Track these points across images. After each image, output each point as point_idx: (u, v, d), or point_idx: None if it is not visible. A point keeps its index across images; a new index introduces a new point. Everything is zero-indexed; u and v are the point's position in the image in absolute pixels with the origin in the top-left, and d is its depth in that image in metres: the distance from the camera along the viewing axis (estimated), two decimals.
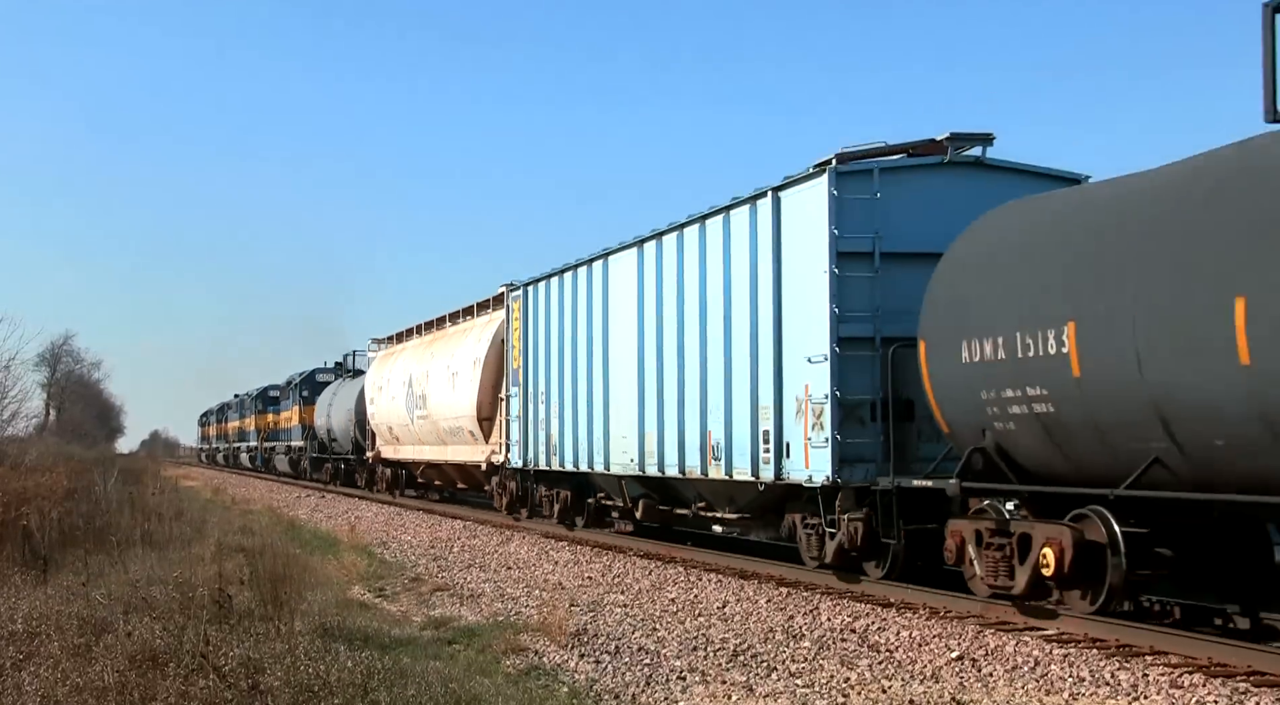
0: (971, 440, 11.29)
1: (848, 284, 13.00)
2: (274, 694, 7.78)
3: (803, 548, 14.22)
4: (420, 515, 27.71)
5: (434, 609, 13.08)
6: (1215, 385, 8.69)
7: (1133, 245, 9.57)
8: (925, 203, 13.20)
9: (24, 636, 9.90)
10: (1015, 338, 10.51)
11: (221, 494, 37.50)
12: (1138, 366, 9.32)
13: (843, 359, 12.96)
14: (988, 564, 11.19)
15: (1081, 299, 9.88)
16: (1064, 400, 10.06)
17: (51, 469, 27.52)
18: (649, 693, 8.75)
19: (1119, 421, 9.65)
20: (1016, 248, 11.18)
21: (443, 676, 8.68)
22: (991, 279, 11.24)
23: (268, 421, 55.94)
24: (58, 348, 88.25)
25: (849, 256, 13.03)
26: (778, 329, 13.96)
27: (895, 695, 8.52)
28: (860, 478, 12.86)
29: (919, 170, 13.49)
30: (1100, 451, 9.95)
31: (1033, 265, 10.75)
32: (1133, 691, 8.53)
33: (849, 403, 12.97)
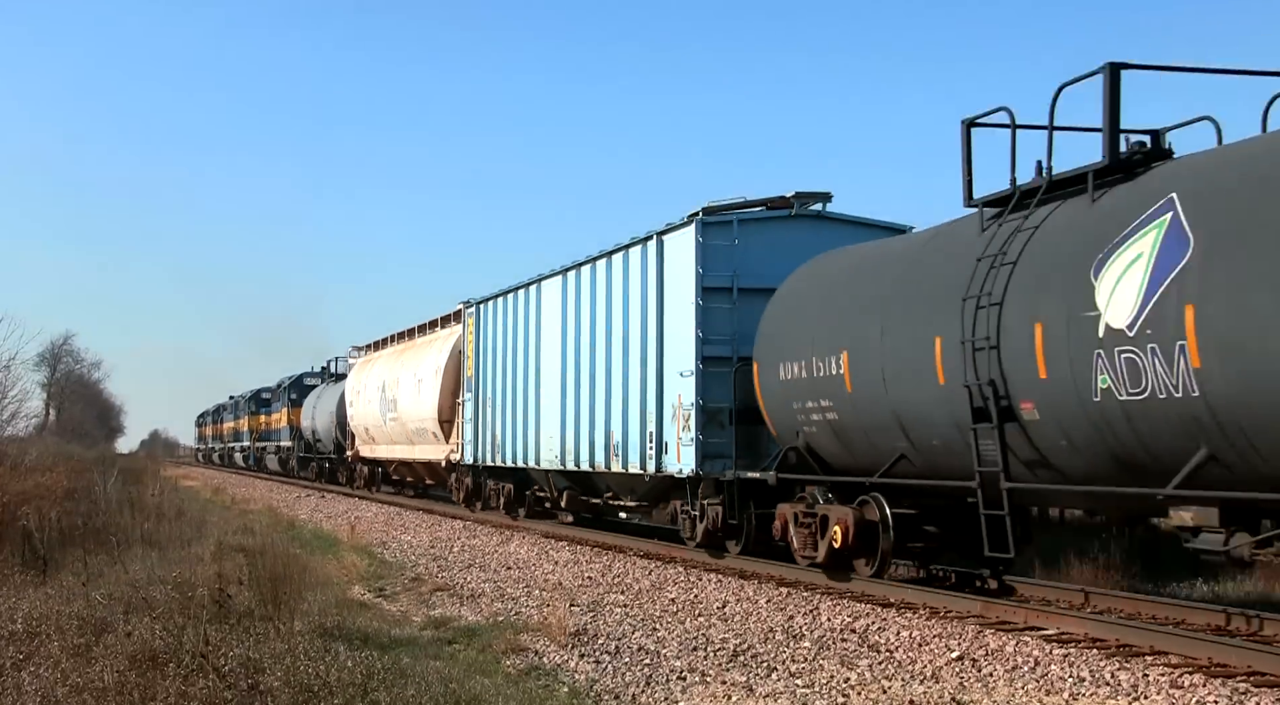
0: (790, 440, 14.31)
1: (710, 313, 15.96)
2: (274, 694, 7.78)
3: (682, 529, 17.05)
4: (420, 515, 27.71)
5: (434, 609, 13.08)
6: (927, 400, 11.78)
7: (881, 294, 12.82)
8: (774, 247, 16.09)
9: (24, 636, 9.91)
10: (812, 362, 13.65)
11: (221, 494, 37.52)
12: (884, 386, 12.40)
13: (705, 374, 15.85)
14: (800, 539, 14.14)
15: (851, 333, 13.05)
16: (843, 410, 13.17)
17: (51, 469, 27.53)
18: (649, 693, 8.75)
19: (876, 427, 12.72)
20: (816, 291, 14.40)
21: (443, 676, 8.68)
22: (799, 315, 14.37)
23: (260, 422, 58.91)
24: (58, 348, 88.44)
25: (712, 291, 16.00)
26: (660, 348, 16.93)
27: (895, 695, 8.52)
28: (718, 470, 15.64)
29: (770, 221, 16.54)
30: (869, 450, 13.02)
31: (824, 306, 13.95)
32: (1133, 691, 8.53)
33: (710, 409, 15.82)
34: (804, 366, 13.79)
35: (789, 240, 16.11)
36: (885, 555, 13.09)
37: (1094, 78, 10.49)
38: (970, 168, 11.99)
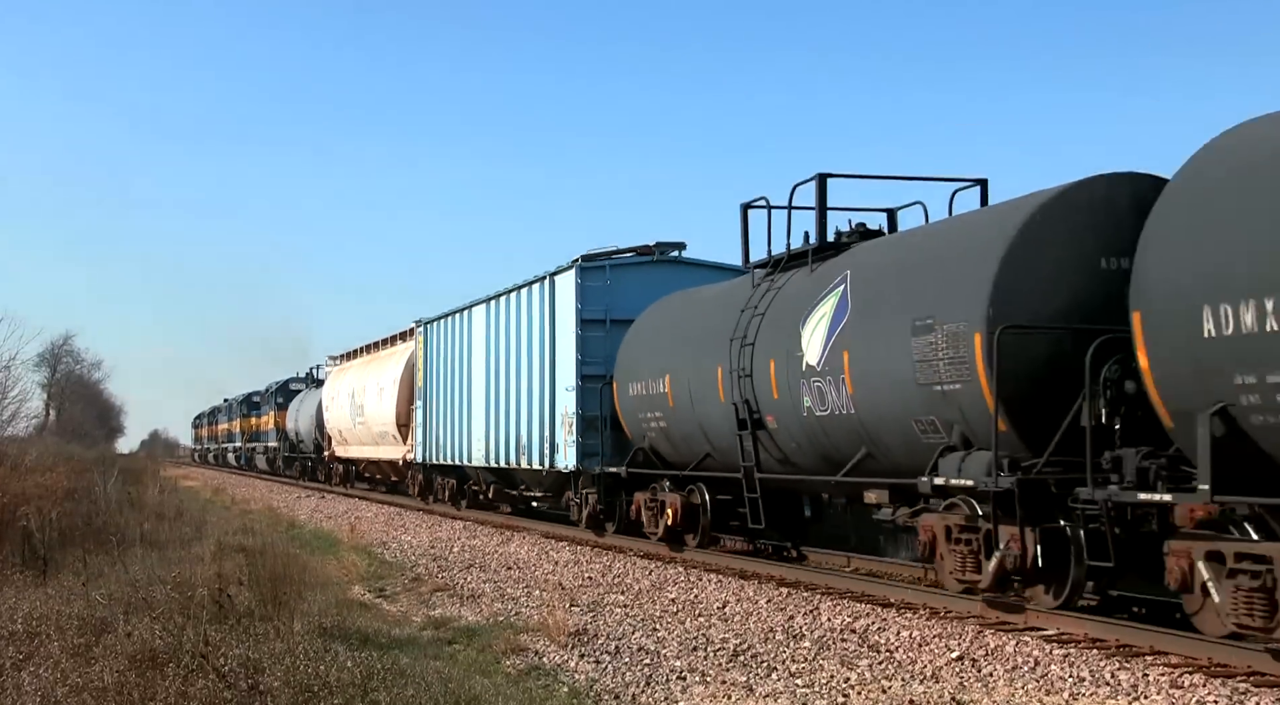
0: (639, 442, 18.21)
1: (588, 340, 19.66)
2: (274, 694, 7.78)
3: (571, 513, 20.84)
4: (420, 515, 27.73)
5: (434, 609, 13.08)
6: (715, 413, 15.68)
7: (689, 332, 16.71)
8: (640, 286, 19.71)
9: (24, 636, 9.90)
10: (649, 382, 17.51)
11: (221, 494, 37.54)
12: (691, 402, 16.37)
13: (584, 389, 19.49)
14: (648, 519, 17.94)
15: (672, 361, 16.91)
16: (669, 420, 17.15)
17: (51, 469, 27.52)
18: (649, 693, 8.75)
19: (689, 433, 16.70)
20: (653, 327, 18.22)
21: (443, 676, 8.68)
22: (642, 345, 18.17)
23: (250, 424, 62.93)
24: (58, 348, 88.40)
25: (589, 322, 19.72)
26: (553, 367, 20.76)
27: (895, 695, 8.52)
28: (594, 466, 19.26)
29: (636, 265, 20.40)
30: (688, 450, 16.92)
31: (657, 339, 17.81)
32: (1133, 691, 8.53)
33: (587, 418, 19.40)
34: (644, 385, 17.69)
35: (651, 280, 19.77)
36: (704, 530, 16.72)
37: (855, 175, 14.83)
38: (747, 240, 15.82)
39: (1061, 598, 10.74)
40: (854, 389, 12.56)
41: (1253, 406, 8.41)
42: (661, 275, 19.95)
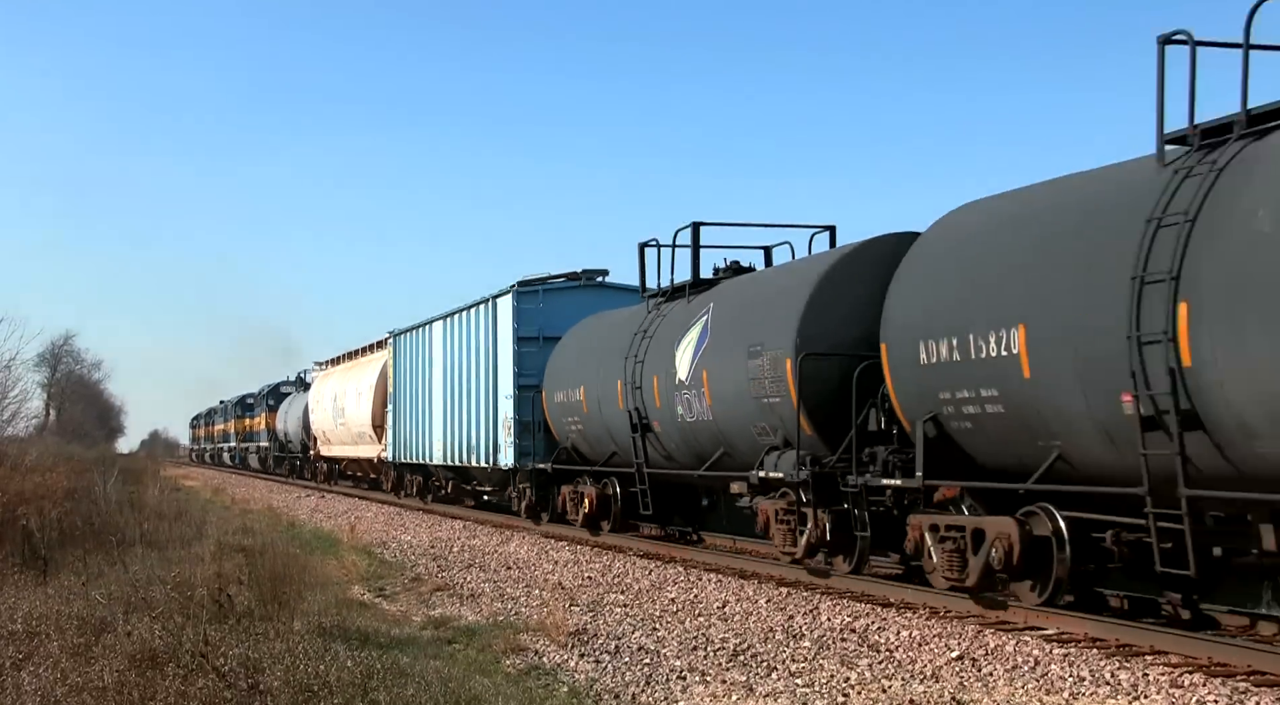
0: (563, 442, 21.37)
1: (524, 355, 22.77)
2: (273, 694, 7.78)
3: (513, 504, 24.04)
4: (420, 515, 27.75)
5: (434, 609, 13.08)
6: (617, 418, 18.63)
7: (597, 347, 19.90)
8: (569, 307, 22.82)
9: (24, 636, 9.90)
10: (569, 390, 20.59)
11: (221, 494, 37.54)
12: (599, 409, 19.28)
13: (520, 398, 22.60)
14: (571, 509, 20.90)
15: (586, 373, 19.92)
16: (583, 424, 20.21)
17: (51, 469, 27.55)
18: (649, 692, 8.75)
19: (599, 435, 19.71)
20: (575, 343, 21.37)
21: (442, 676, 8.68)
22: (564, 359, 21.38)
23: (244, 425, 66.44)
24: (58, 348, 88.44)
25: (525, 339, 22.89)
26: (495, 378, 23.85)
27: (895, 695, 8.52)
28: (528, 464, 22.41)
29: (566, 289, 23.48)
30: (600, 449, 19.89)
31: (577, 353, 20.93)
32: (1133, 691, 8.53)
33: (523, 421, 22.51)
34: (566, 394, 20.71)
35: (579, 302, 22.90)
36: (615, 517, 19.66)
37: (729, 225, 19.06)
38: (644, 273, 18.97)
39: (852, 564, 13.66)
40: (711, 401, 15.54)
41: (950, 415, 11.52)
42: (588, 297, 23.16)
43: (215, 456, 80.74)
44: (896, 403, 12.40)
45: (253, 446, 62.66)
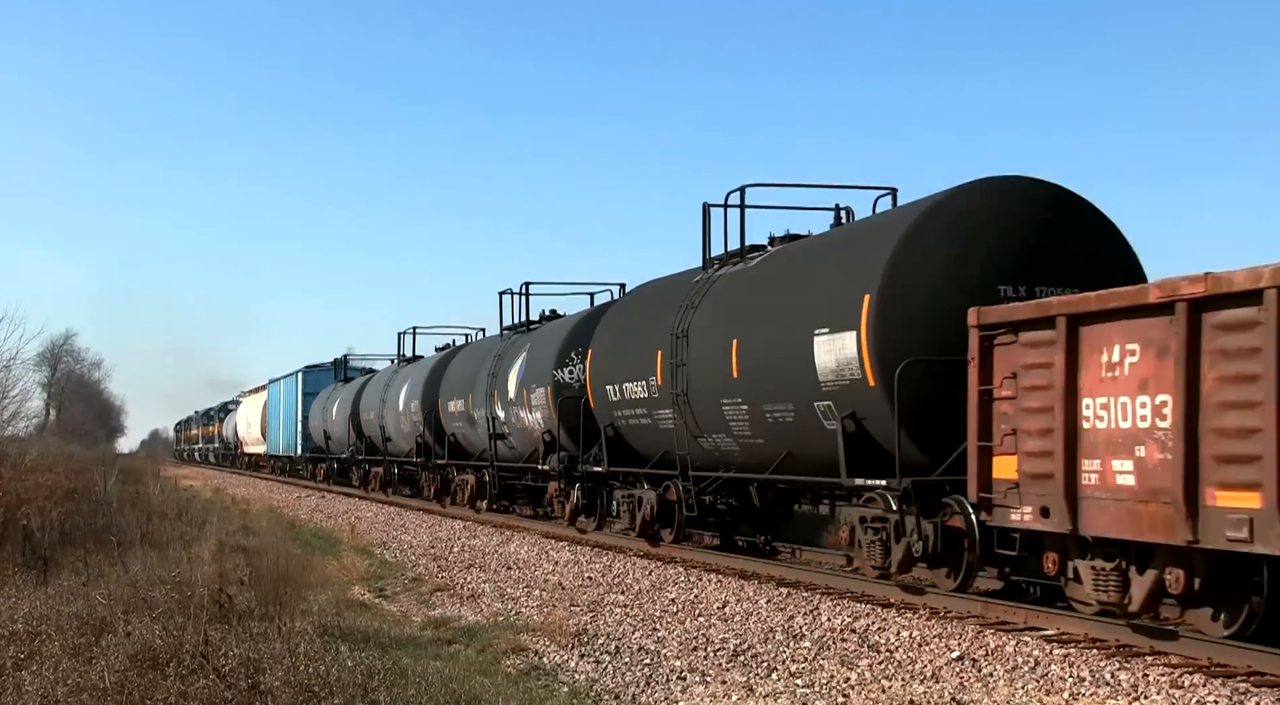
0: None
1: (307, 399, 46.87)
2: (274, 694, 7.77)
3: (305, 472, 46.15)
4: (420, 515, 27.74)
5: (434, 609, 13.08)
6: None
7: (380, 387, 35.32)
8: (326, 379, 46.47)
9: (24, 636, 9.89)
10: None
11: (221, 494, 37.53)
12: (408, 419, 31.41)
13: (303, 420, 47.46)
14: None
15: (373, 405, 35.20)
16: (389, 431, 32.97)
17: (51, 469, 27.52)
18: (649, 693, 8.75)
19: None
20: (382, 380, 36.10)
21: (443, 676, 8.68)
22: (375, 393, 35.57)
23: (208, 431, 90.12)
24: (58, 347, 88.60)
25: (307, 394, 47.08)
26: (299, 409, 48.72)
27: (895, 695, 8.52)
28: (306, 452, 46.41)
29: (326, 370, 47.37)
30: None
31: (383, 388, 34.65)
32: (1133, 691, 8.53)
33: (307, 432, 44.83)
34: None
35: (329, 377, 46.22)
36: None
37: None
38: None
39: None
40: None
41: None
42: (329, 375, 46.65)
43: (190, 454, 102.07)
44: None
45: (212, 447, 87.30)
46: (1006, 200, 12.23)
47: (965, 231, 12.05)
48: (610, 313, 20.13)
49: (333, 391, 43.03)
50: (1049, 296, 11.00)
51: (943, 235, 12.07)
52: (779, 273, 14.74)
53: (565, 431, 20.36)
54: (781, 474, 14.41)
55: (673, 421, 16.50)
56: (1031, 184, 12.37)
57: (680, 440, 16.46)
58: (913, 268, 11.96)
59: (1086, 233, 12.24)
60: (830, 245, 14.35)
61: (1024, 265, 11.90)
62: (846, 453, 12.61)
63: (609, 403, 18.53)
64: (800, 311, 13.48)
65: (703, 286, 16.27)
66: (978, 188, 12.30)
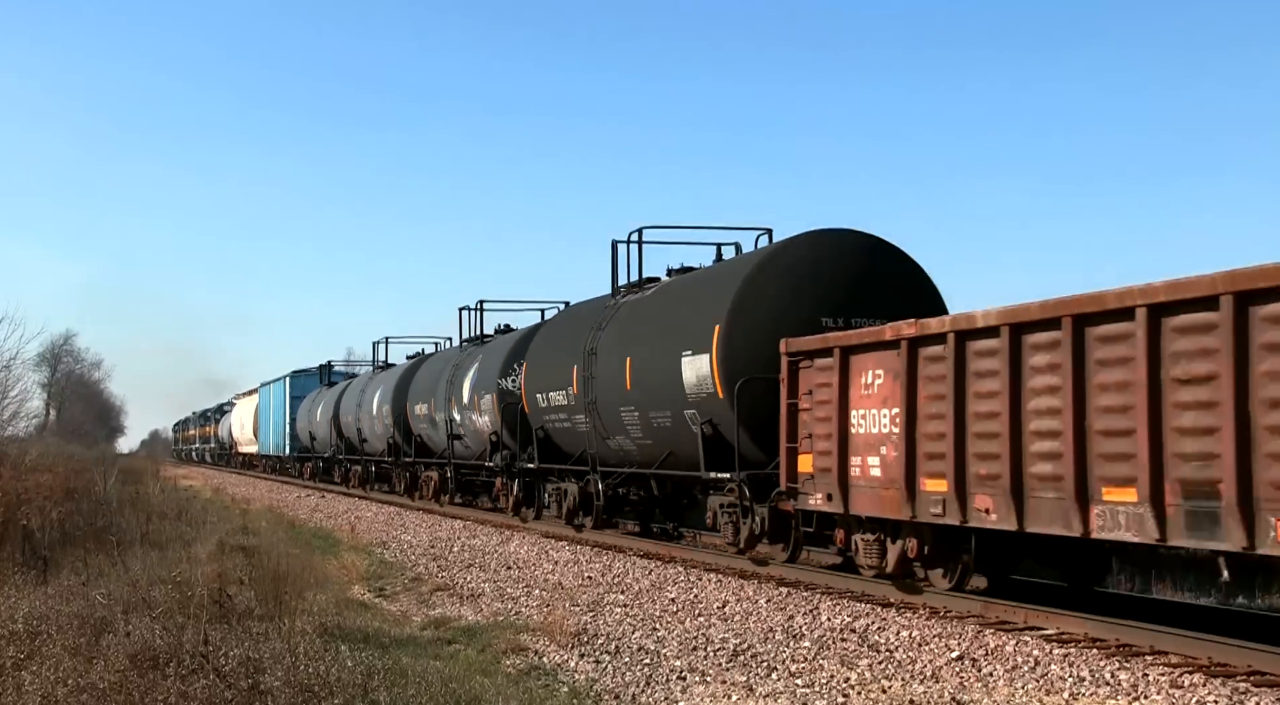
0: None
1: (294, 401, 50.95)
2: (274, 694, 7.78)
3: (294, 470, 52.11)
4: (420, 515, 27.74)
5: (434, 609, 13.09)
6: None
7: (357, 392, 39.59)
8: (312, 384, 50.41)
9: (24, 636, 9.89)
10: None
11: (221, 494, 37.54)
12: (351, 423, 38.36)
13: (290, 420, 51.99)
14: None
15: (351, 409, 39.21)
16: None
17: (51, 469, 27.49)
18: (649, 692, 8.75)
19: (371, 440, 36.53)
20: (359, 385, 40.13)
21: (443, 676, 8.68)
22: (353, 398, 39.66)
23: (205, 431, 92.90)
24: (58, 347, 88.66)
25: (294, 397, 51.02)
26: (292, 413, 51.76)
27: (895, 695, 8.52)
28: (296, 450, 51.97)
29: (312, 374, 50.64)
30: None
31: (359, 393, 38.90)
32: (1133, 691, 8.53)
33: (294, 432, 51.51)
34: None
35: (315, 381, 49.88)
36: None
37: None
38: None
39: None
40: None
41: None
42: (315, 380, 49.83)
43: (187, 454, 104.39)
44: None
45: (208, 446, 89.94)
46: (829, 249, 15.24)
47: (795, 274, 15.06)
48: (542, 330, 23.50)
49: (317, 395, 46.60)
50: (864, 326, 13.59)
51: (775, 277, 15.05)
52: (662, 303, 17.82)
53: (508, 432, 23.69)
54: (665, 469, 17.43)
55: (586, 425, 19.37)
56: (851, 235, 15.38)
57: (592, 441, 19.37)
58: (752, 303, 14.91)
59: (896, 273, 15.16)
60: (697, 283, 17.31)
61: (843, 301, 14.81)
62: (705, 451, 15.50)
63: (539, 408, 21.54)
64: (673, 336, 16.36)
65: (610, 312, 19.22)
66: (806, 239, 15.39)
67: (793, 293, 14.87)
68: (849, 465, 12.77)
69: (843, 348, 12.94)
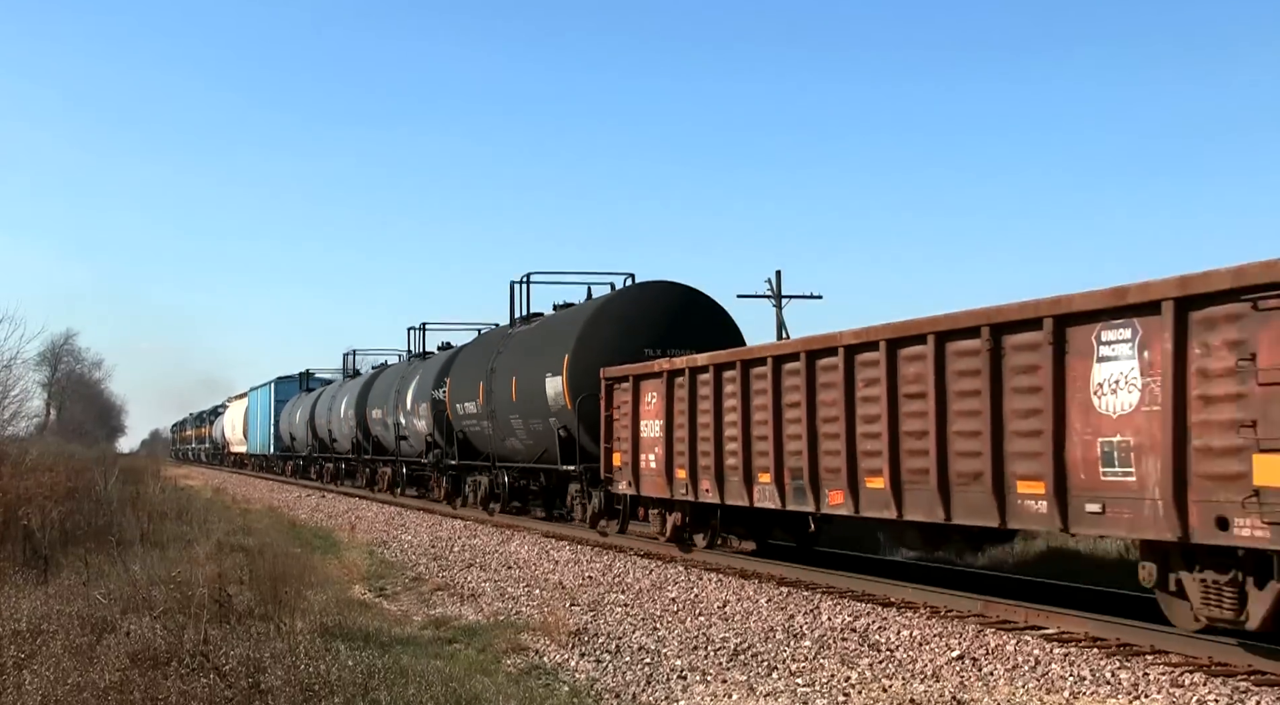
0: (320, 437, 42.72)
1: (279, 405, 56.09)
2: (274, 693, 7.78)
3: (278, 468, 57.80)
4: (421, 515, 27.75)
5: (435, 608, 13.08)
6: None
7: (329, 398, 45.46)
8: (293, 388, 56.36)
9: (25, 636, 9.89)
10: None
11: (222, 493, 37.53)
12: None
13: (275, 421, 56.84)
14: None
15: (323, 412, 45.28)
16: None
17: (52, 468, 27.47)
18: (649, 692, 8.75)
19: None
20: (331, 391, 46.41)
21: (443, 676, 8.68)
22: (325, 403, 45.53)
23: (200, 432, 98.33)
24: (59, 347, 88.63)
25: (279, 401, 56.56)
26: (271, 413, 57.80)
27: (896, 694, 8.52)
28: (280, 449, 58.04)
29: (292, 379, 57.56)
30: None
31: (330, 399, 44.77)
32: (1133, 690, 8.53)
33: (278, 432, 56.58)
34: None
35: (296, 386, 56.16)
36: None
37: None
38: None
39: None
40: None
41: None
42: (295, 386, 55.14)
43: (185, 454, 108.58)
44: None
45: (203, 447, 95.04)
46: (650, 296, 20.44)
47: (624, 316, 20.10)
48: (462, 352, 28.66)
49: (297, 400, 52.71)
50: (678, 355, 17.23)
51: (609, 319, 20.19)
52: (540, 335, 22.79)
53: (439, 434, 28.78)
54: (541, 464, 22.24)
55: (490, 429, 24.35)
56: (669, 285, 20.57)
57: (494, 442, 24.43)
58: (591, 339, 19.91)
59: (704, 314, 20.19)
60: (558, 322, 22.39)
61: (661, 336, 19.57)
62: (561, 450, 20.40)
63: (459, 415, 26.57)
64: (541, 361, 21.32)
65: (506, 340, 24.58)
66: (634, 289, 20.98)
67: (622, 330, 19.76)
68: (639, 460, 17.43)
69: (635, 376, 17.60)
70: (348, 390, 41.14)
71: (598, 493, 19.36)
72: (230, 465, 74.97)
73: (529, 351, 22.47)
